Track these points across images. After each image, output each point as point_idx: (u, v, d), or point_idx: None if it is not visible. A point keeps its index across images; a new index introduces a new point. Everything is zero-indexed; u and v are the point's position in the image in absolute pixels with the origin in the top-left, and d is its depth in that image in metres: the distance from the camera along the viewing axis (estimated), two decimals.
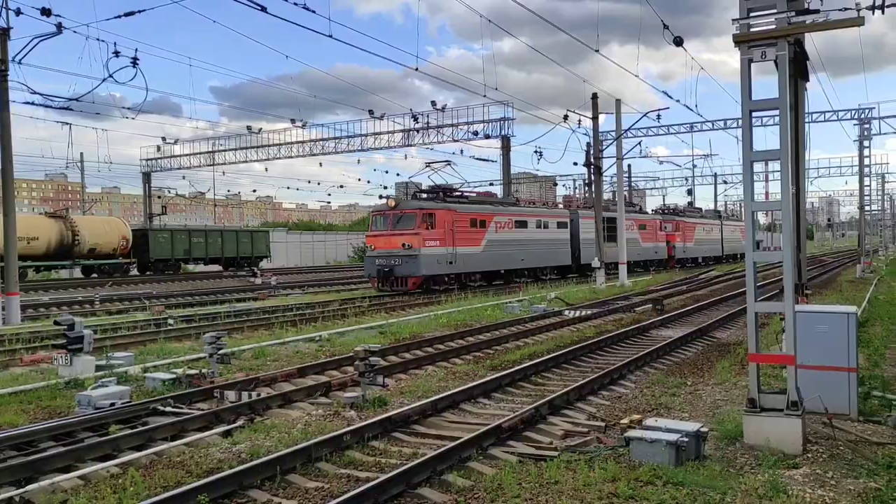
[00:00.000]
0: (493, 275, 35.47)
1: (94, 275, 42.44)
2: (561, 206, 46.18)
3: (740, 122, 8.10)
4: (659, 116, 38.39)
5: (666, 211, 58.27)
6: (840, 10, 7.72)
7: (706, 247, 60.78)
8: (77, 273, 42.23)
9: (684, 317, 20.44)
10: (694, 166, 69.86)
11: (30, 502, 6.19)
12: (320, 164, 65.11)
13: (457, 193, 33.57)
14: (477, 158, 48.68)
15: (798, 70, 8.81)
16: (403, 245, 29.20)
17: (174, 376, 11.39)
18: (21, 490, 6.42)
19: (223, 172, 59.03)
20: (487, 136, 42.96)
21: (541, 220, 38.26)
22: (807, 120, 10.19)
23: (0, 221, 21.26)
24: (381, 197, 31.49)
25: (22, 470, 7.02)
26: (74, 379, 11.41)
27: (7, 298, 20.85)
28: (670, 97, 76.75)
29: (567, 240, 40.47)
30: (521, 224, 36.31)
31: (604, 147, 37.45)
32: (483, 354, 14.65)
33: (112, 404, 9.60)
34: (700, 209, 67.23)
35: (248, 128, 51.38)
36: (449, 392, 10.22)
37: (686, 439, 6.96)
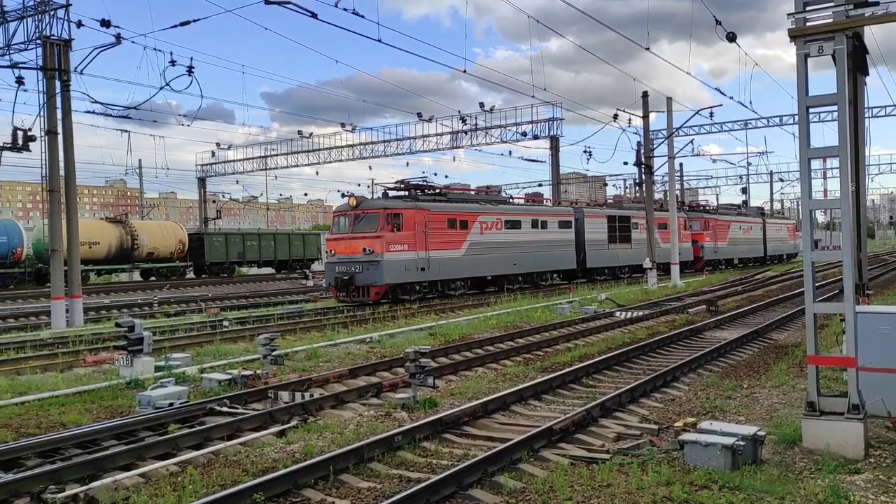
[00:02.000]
0: (479, 282, 31.67)
1: (153, 278, 43.65)
2: (565, 204, 42.09)
3: (797, 118, 7.92)
4: (712, 114, 37.79)
5: (693, 207, 53.25)
6: None
7: (743, 247, 55.33)
8: (136, 276, 43.47)
9: (740, 318, 20.02)
10: (749, 164, 68.37)
11: (94, 499, 6.40)
12: (370, 167, 66.03)
13: (435, 190, 29.99)
14: (525, 159, 48.72)
15: (857, 64, 8.56)
16: (364, 250, 25.60)
17: (229, 377, 11.63)
18: (85, 487, 6.63)
19: (275, 176, 60.14)
20: (536, 137, 42.81)
21: (537, 219, 33.94)
22: (866, 115, 9.89)
23: (63, 226, 21.99)
24: (343, 195, 28.53)
25: (86, 468, 7.25)
26: (135, 379, 11.74)
27: (70, 301, 21.57)
28: (723, 94, 75.23)
29: (571, 241, 36.11)
30: (513, 224, 32.26)
31: (654, 146, 36.92)
32: (533, 356, 14.60)
33: (171, 404, 9.85)
34: (739, 206, 63.94)
35: (299, 132, 52.26)
36: (499, 393, 10.21)
37: (742, 443, 6.83)
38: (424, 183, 29.60)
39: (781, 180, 76.29)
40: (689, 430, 7.84)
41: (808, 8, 7.42)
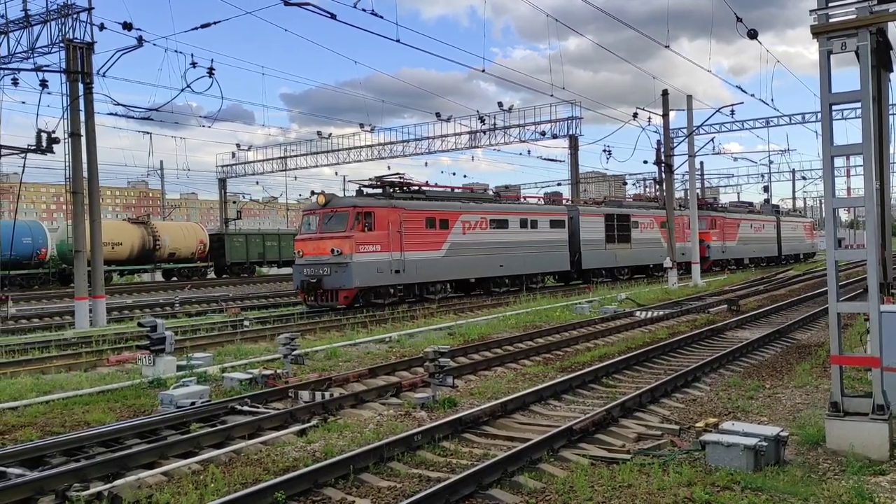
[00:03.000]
0: (462, 285, 29.99)
1: (174, 278, 44.07)
2: (558, 202, 40.08)
3: (819, 115, 7.83)
4: (733, 112, 37.33)
5: (700, 205, 49.81)
6: None
7: (755, 246, 53.04)
8: (158, 276, 43.91)
9: (762, 317, 19.84)
10: (770, 162, 67.63)
11: (118, 497, 6.47)
12: (388, 168, 65.82)
13: (413, 188, 28.27)
14: (544, 159, 48.36)
15: (881, 60, 8.45)
16: (333, 251, 23.89)
17: (250, 376, 11.71)
18: (109, 485, 6.71)
19: (295, 177, 60.37)
20: (555, 136, 42.65)
21: (526, 218, 31.97)
22: (891, 112, 9.77)
23: (87, 227, 22.25)
24: (312, 193, 26.89)
25: (110, 466, 7.34)
26: (157, 378, 11.85)
27: (94, 301, 21.82)
28: (744, 91, 74.27)
29: (564, 241, 34.06)
30: (499, 223, 30.41)
31: (675, 144, 36.69)
32: (552, 356, 14.56)
33: (192, 403, 9.94)
34: (751, 204, 62.31)
35: (318, 133, 52.48)
36: (519, 393, 10.20)
37: (765, 444, 6.77)
38: (402, 180, 28.01)
39: (804, 178, 75.52)
40: (710, 430, 7.79)
41: (830, 4, 7.35)
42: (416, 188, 28.25)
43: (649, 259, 40.49)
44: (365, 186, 26.93)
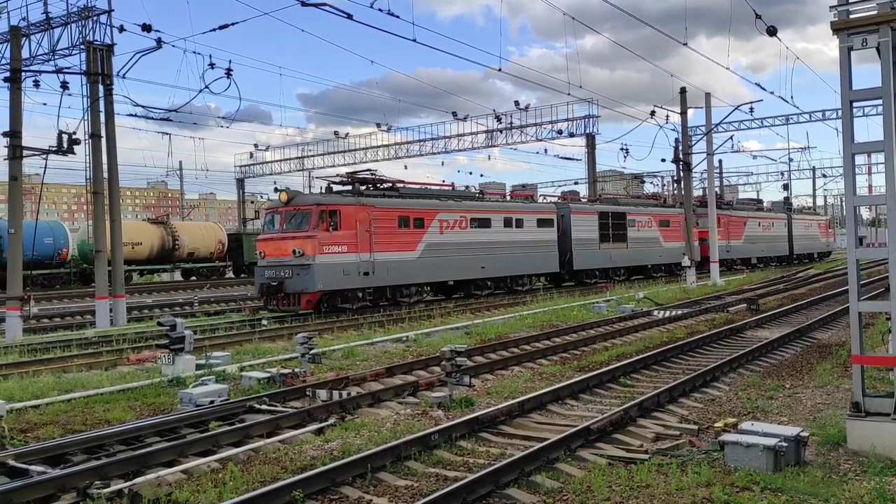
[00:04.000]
0: (441, 288, 28.58)
1: (193, 278, 44.41)
2: (548, 199, 38.19)
3: (840, 112, 7.75)
4: (752, 109, 37.10)
5: (703, 202, 45.86)
6: None
7: (763, 245, 50.74)
8: (177, 276, 44.26)
9: (781, 317, 19.66)
10: (790, 160, 66.94)
11: (138, 494, 6.52)
12: (405, 167, 66.00)
13: (386, 185, 26.79)
14: (561, 157, 48.02)
15: None
16: (294, 252, 22.42)
17: (268, 375, 11.78)
18: (129, 483, 6.77)
19: (312, 177, 60.69)
20: (572, 135, 42.54)
21: (511, 217, 30.33)
22: None
23: (107, 228, 22.47)
24: (276, 190, 25.14)
25: (130, 464, 7.41)
26: (176, 377, 11.95)
27: (114, 301, 22.04)
28: (763, 89, 73.53)
29: (553, 241, 32.35)
30: (481, 222, 28.81)
31: (693, 143, 36.43)
32: (570, 355, 14.51)
33: (211, 402, 10.01)
34: (759, 201, 60.88)
35: (335, 133, 52.74)
36: (536, 393, 10.17)
37: (785, 444, 6.71)
38: (373, 177, 26.57)
39: (824, 176, 74.69)
40: (729, 430, 7.73)
41: (851, 0, 7.27)
42: (390, 185, 26.94)
43: (647, 259, 39.00)
44: (334, 183, 25.76)
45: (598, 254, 35.32)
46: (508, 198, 35.85)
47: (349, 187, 25.45)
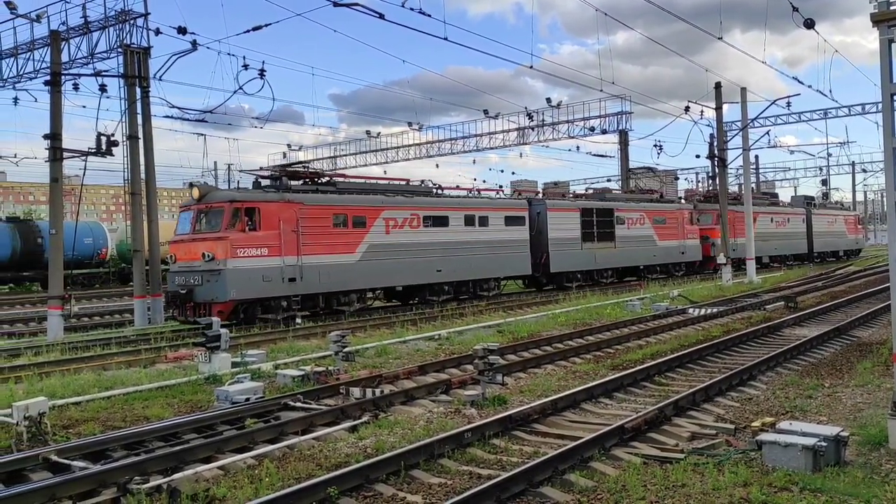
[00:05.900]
0: (390, 294, 25.86)
1: None
2: (519, 195, 34.55)
3: (880, 106, 7.59)
4: (789, 104, 36.34)
5: (707, 197, 43.47)
6: None
7: (776, 243, 46.56)
8: None
9: (820, 314, 19.30)
10: (829, 155, 65.51)
11: (176, 490, 6.63)
12: (437, 166, 65.92)
13: (323, 179, 24.05)
14: (594, 154, 47.56)
15: None
16: (204, 255, 19.51)
17: (303, 373, 11.89)
18: (168, 478, 6.89)
19: (344, 177, 61.07)
20: (604, 132, 42.05)
21: (472, 214, 26.87)
22: None
23: (145, 228, 22.86)
24: (190, 185, 21.92)
25: (169, 460, 7.55)
26: (213, 375, 12.13)
27: (152, 300, 22.42)
28: (801, 83, 72.01)
29: (524, 241, 28.87)
30: (437, 221, 25.51)
31: (728, 138, 35.90)
32: (603, 353, 14.42)
33: (247, 399, 10.13)
34: (775, 195, 57.47)
35: (367, 132, 52.88)
36: (569, 391, 10.13)
37: (824, 444, 6.60)
38: (305, 170, 23.79)
39: (864, 171, 73.14)
40: (767, 430, 7.63)
41: None
42: (327, 179, 24.22)
43: (639, 260, 35.47)
44: (262, 178, 22.86)
45: (579, 254, 31.86)
46: (498, 194, 32.24)
47: (273, 179, 22.58)
